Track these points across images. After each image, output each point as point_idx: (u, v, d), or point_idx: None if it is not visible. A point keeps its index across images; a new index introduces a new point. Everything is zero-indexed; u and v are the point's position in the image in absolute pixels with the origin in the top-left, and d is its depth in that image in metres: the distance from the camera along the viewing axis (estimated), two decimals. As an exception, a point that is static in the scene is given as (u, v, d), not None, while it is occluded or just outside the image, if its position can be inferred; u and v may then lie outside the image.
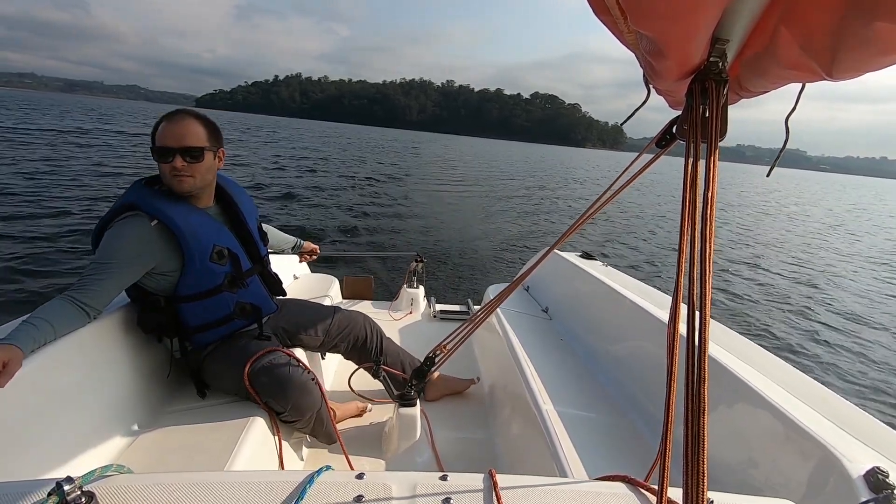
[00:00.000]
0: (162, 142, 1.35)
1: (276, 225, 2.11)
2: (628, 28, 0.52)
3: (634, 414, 1.60)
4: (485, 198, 15.31)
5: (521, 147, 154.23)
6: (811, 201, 32.45)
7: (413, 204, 12.42)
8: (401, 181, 17.15)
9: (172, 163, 1.34)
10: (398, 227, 9.39)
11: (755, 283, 8.07)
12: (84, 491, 0.62)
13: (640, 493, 0.71)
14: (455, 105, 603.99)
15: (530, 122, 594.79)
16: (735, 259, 9.82)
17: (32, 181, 9.63)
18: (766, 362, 1.42)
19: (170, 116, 1.38)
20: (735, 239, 12.42)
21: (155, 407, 1.49)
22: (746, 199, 26.18)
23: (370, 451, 1.69)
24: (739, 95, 0.68)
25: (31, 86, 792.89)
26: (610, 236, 10.89)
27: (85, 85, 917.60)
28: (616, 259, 8.57)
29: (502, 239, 9.29)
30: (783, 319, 6.35)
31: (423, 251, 3.75)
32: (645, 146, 0.80)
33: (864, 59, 0.43)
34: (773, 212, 21.41)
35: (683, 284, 0.52)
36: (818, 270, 9.69)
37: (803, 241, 13.70)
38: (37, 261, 5.10)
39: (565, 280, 2.51)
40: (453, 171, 24.59)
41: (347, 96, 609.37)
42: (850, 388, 4.45)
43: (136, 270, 1.35)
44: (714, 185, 0.51)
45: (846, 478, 0.92)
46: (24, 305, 3.98)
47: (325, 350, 1.86)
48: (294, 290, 2.53)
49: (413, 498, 0.67)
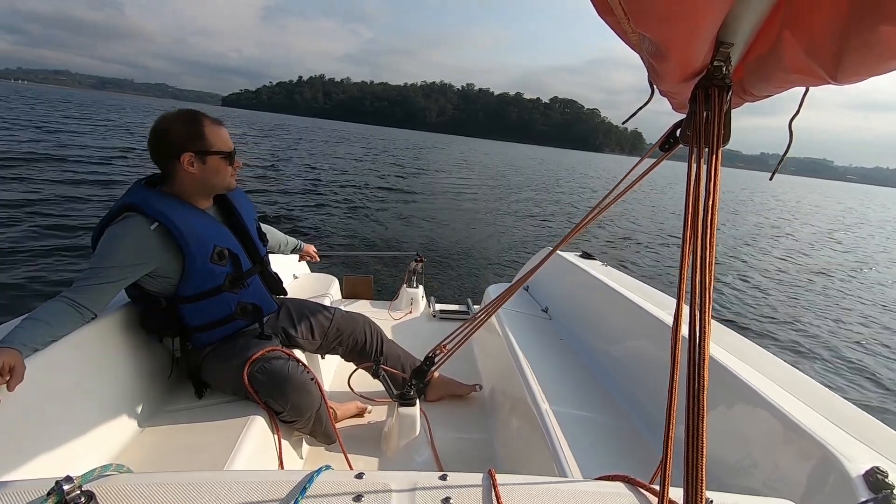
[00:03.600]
0: (227, 146, 1.44)
1: (276, 224, 2.11)
2: (632, 29, 0.52)
3: (633, 414, 1.60)
4: (487, 198, 15.30)
5: (536, 150, 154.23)
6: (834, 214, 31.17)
7: (415, 204, 12.41)
8: (405, 182, 17.13)
9: (234, 164, 1.46)
10: (399, 227, 9.38)
11: (759, 285, 8.08)
12: (84, 490, 0.62)
13: (639, 493, 0.71)
14: (474, 108, 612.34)
15: (548, 126, 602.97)
16: (747, 262, 9.85)
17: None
18: (766, 362, 1.43)
19: (213, 121, 1.42)
20: (743, 242, 12.45)
21: (155, 406, 1.49)
22: (751, 207, 25.98)
23: (370, 450, 1.69)
24: (743, 99, 0.67)
25: (66, 83, 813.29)
26: (610, 236, 10.91)
27: (116, 83, 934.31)
28: (616, 259, 8.58)
29: (502, 239, 9.29)
30: (788, 320, 6.36)
31: (424, 251, 3.75)
32: (648, 150, 0.80)
33: (868, 63, 0.42)
34: (773, 218, 21.31)
35: (685, 289, 0.52)
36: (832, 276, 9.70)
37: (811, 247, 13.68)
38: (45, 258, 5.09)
39: (565, 280, 2.51)
40: (458, 172, 24.57)
41: (369, 97, 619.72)
42: (849, 388, 4.46)
43: (135, 272, 1.34)
44: (716, 191, 0.51)
45: (846, 478, 0.93)
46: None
47: (323, 351, 1.86)
48: (294, 289, 2.53)
49: (413, 497, 0.67)
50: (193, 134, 1.37)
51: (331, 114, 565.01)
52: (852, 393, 4.35)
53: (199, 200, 1.46)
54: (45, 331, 1.16)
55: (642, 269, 8.17)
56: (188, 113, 1.40)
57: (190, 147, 1.36)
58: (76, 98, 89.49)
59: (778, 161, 0.68)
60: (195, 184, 1.42)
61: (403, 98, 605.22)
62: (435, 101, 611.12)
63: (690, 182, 0.53)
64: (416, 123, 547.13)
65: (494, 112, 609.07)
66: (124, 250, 1.30)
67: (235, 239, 1.52)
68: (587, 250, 2.76)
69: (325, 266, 2.94)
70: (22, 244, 5.48)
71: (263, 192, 11.18)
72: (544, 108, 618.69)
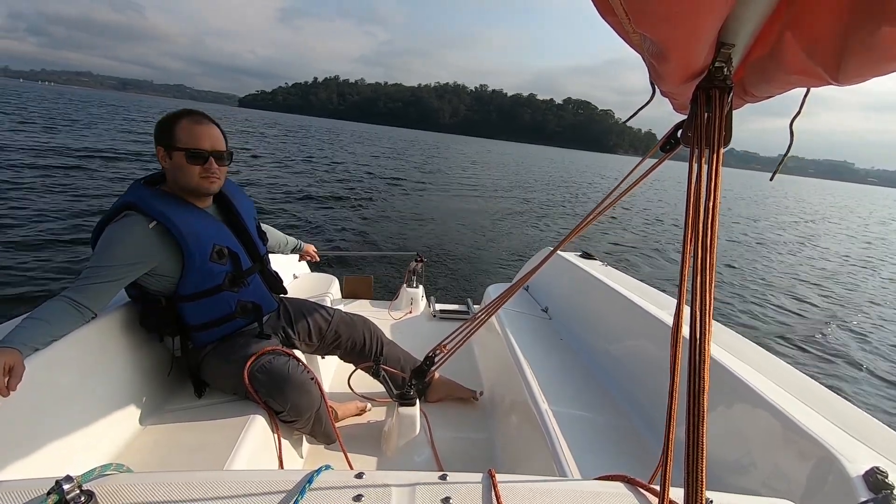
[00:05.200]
0: (195, 143, 1.35)
1: (276, 223, 2.11)
2: (633, 29, 0.52)
3: (633, 413, 1.60)
4: (489, 200, 15.29)
5: (545, 151, 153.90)
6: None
7: (415, 204, 12.41)
8: (406, 182, 17.12)
9: (206, 165, 1.36)
10: (399, 227, 9.38)
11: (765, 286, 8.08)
12: (83, 490, 0.62)
13: (639, 493, 0.71)
14: (487, 109, 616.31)
15: (562, 127, 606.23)
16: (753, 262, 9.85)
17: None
18: (766, 362, 1.43)
19: (195, 117, 1.38)
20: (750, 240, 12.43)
21: (155, 405, 1.49)
22: (761, 210, 25.88)
23: (370, 450, 1.69)
24: (744, 100, 0.67)
25: (88, 83, 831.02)
26: (610, 236, 10.90)
27: (136, 83, 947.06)
28: (616, 259, 8.58)
29: (503, 239, 9.30)
30: (795, 321, 6.37)
31: (424, 251, 3.75)
32: (650, 151, 0.80)
33: (869, 65, 0.42)
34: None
35: (686, 290, 0.52)
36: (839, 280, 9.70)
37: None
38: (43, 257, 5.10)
39: (565, 280, 2.51)
40: (463, 173, 24.54)
41: (382, 98, 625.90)
42: (849, 388, 4.46)
43: (134, 271, 1.34)
44: (717, 192, 0.51)
45: (845, 478, 0.93)
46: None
47: (322, 352, 1.86)
48: (294, 289, 2.53)
49: (412, 497, 0.67)
50: (166, 129, 1.36)
51: (345, 115, 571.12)
52: (852, 393, 4.35)
53: (197, 199, 1.45)
54: (45, 330, 1.16)
55: (642, 270, 8.17)
56: (179, 110, 1.40)
57: (159, 141, 1.37)
58: (99, 98, 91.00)
59: (779, 161, 0.68)
60: (173, 181, 1.41)
61: (417, 99, 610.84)
62: (448, 102, 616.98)
63: (691, 183, 0.53)
64: (430, 124, 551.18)
65: (507, 113, 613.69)
66: (123, 249, 1.30)
67: (235, 237, 1.51)
68: (587, 250, 2.77)
69: (325, 266, 2.94)
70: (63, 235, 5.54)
71: (264, 193, 11.18)
72: (557, 108, 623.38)
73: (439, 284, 5.84)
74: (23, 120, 21.21)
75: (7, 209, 6.60)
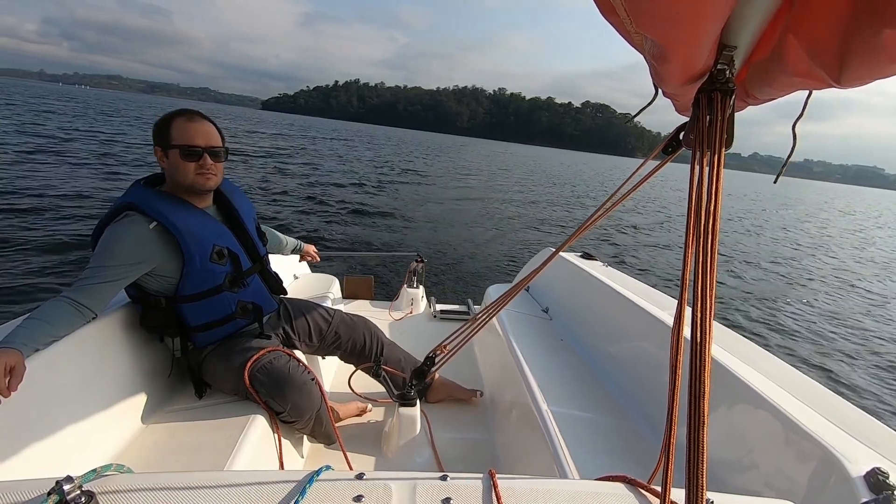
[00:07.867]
0: (190, 140, 1.36)
1: (276, 223, 2.11)
2: (634, 29, 0.52)
3: (634, 414, 1.60)
4: (489, 201, 15.28)
5: (561, 154, 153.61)
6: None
7: (415, 204, 12.40)
8: (407, 182, 17.10)
9: (201, 161, 1.36)
10: (399, 228, 9.38)
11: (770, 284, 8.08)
12: (84, 490, 0.62)
13: (639, 494, 0.71)
14: (505, 112, 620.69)
15: (580, 130, 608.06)
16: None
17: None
18: (766, 362, 1.43)
19: (188, 115, 1.39)
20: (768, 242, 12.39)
21: (155, 406, 1.49)
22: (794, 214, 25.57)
23: (370, 450, 1.69)
24: (746, 103, 0.67)
25: (118, 87, 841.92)
26: (610, 236, 10.90)
27: (163, 87, 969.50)
28: (616, 259, 8.57)
29: (503, 240, 9.29)
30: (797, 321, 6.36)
31: (424, 251, 3.75)
32: (652, 153, 0.80)
33: (872, 67, 0.42)
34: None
35: (687, 291, 0.52)
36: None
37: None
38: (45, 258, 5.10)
39: (566, 280, 2.51)
40: (467, 174, 24.52)
41: (402, 102, 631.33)
42: (849, 388, 4.46)
43: (134, 272, 1.34)
44: (719, 195, 0.51)
45: (846, 478, 0.93)
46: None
47: (322, 353, 1.86)
48: (294, 289, 2.53)
49: (413, 497, 0.67)
50: (162, 128, 1.37)
51: (364, 118, 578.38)
52: (852, 393, 4.34)
53: (196, 199, 1.45)
54: (45, 330, 1.16)
55: (643, 271, 8.17)
56: (175, 110, 1.41)
57: (157, 142, 1.38)
58: (129, 100, 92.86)
59: (782, 164, 0.68)
60: (171, 181, 1.42)
61: (436, 102, 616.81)
62: (466, 106, 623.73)
63: (693, 185, 0.53)
64: (448, 127, 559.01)
65: (526, 116, 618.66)
66: (123, 249, 1.30)
67: (235, 238, 1.51)
68: (588, 251, 2.76)
69: (326, 266, 2.94)
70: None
71: (264, 192, 11.18)
72: (575, 112, 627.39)
73: (440, 285, 5.83)
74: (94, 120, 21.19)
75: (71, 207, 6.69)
